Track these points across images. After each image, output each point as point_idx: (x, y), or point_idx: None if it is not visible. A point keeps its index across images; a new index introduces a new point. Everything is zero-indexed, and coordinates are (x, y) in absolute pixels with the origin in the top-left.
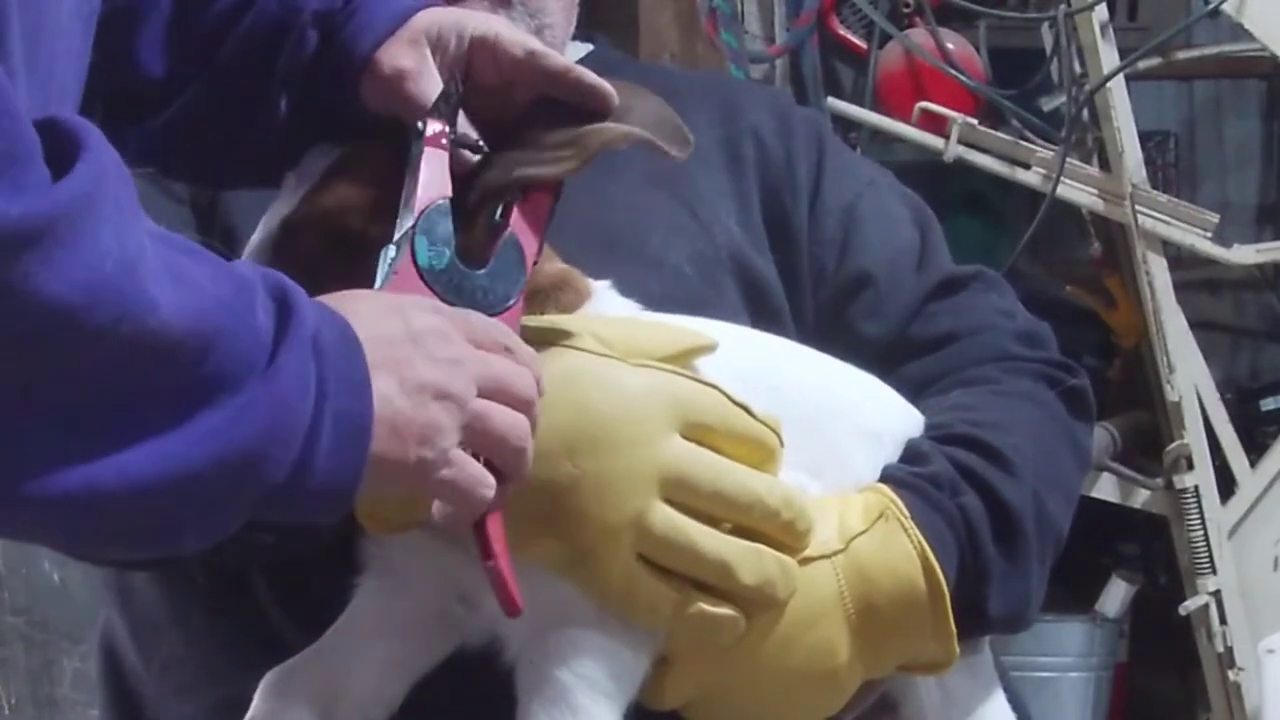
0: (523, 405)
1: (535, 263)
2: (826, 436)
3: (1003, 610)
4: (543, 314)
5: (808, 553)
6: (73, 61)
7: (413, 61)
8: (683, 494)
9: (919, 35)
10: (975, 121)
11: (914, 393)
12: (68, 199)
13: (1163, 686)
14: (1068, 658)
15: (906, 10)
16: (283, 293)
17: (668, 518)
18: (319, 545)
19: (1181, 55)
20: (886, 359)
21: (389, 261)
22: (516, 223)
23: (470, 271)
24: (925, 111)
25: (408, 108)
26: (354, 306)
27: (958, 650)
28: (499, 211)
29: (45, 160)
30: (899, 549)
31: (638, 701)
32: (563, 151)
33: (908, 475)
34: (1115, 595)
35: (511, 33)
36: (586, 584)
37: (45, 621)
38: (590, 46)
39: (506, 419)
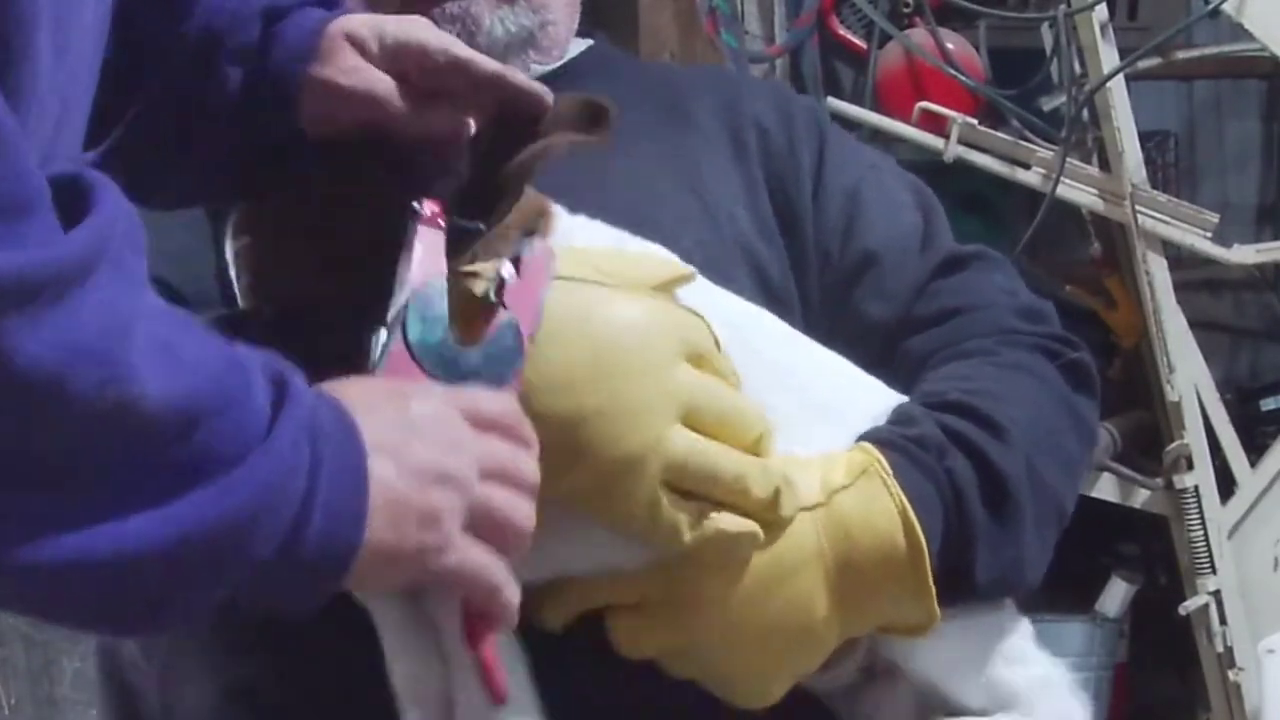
0: (525, 490)
1: (531, 338)
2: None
3: (991, 575)
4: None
5: None
6: (92, 62)
7: (342, 63)
8: (695, 419)
9: (919, 35)
10: (975, 121)
11: (914, 366)
12: (62, 261)
13: (1163, 686)
14: (1068, 658)
15: (906, 10)
16: (280, 376)
17: (688, 439)
18: None
19: (1181, 55)
20: (892, 340)
21: (381, 345)
22: (512, 302)
23: (464, 350)
24: (925, 111)
25: (350, 106)
26: (351, 393)
27: (938, 612)
28: (492, 291)
29: (59, 211)
30: (880, 506)
31: (616, 650)
32: (506, 203)
33: (894, 436)
34: (1115, 595)
35: (437, 37)
36: (611, 513)
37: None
38: (590, 42)
39: (510, 503)
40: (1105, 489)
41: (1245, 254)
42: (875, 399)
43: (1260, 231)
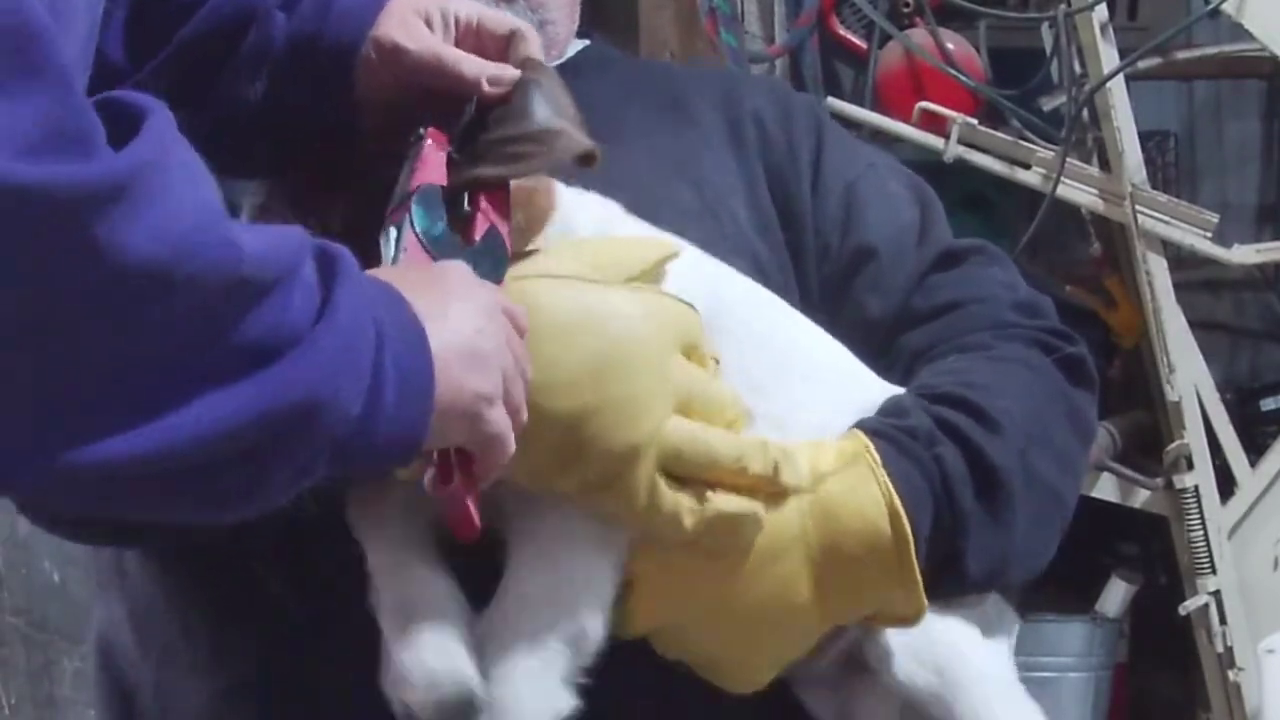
0: (525, 381)
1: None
2: (795, 390)
3: (982, 566)
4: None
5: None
6: (86, 44)
7: (407, 37)
8: (690, 408)
9: (919, 35)
10: (975, 121)
11: (911, 361)
12: (143, 156)
13: (1163, 686)
14: (1068, 658)
15: (906, 10)
16: (324, 250)
17: (684, 427)
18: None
19: (1181, 55)
20: (890, 335)
21: (394, 241)
22: (489, 212)
23: (462, 246)
24: (925, 111)
25: (418, 77)
26: (383, 274)
27: (925, 602)
28: (467, 200)
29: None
30: (867, 493)
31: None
32: (526, 147)
33: (884, 425)
34: (1115, 595)
35: (495, 16)
36: (615, 505)
37: (45, 621)
38: (586, 41)
39: (522, 389)
40: (1105, 489)
41: (1245, 254)
42: (853, 364)
43: (1260, 231)
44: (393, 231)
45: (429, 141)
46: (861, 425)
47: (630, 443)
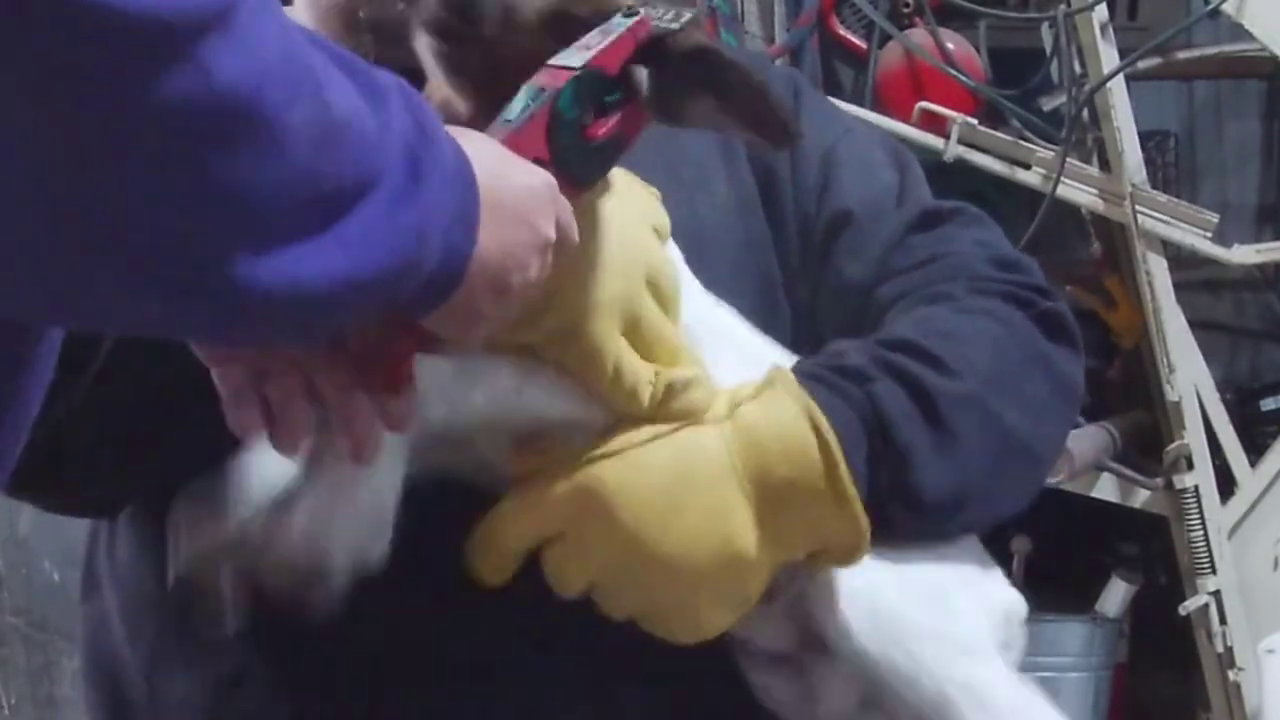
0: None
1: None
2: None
3: (938, 491)
4: None
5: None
6: None
7: None
8: (653, 287)
9: (919, 35)
10: (975, 121)
11: (882, 311)
12: None
13: (1163, 686)
14: (1068, 658)
15: (906, 10)
16: (419, 109)
17: (649, 303)
18: None
19: (1181, 55)
20: (868, 295)
21: (524, 107)
22: (621, 123)
23: (585, 143)
24: (925, 111)
25: None
26: (473, 149)
27: (866, 526)
28: (616, 99)
29: None
30: (785, 410)
31: (550, 590)
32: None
33: (813, 366)
34: (1115, 595)
35: None
36: (579, 362)
37: (45, 621)
38: None
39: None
40: (1105, 489)
41: (1245, 254)
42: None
43: (1260, 231)
44: (528, 93)
45: (632, 25)
46: (793, 369)
47: (603, 297)
